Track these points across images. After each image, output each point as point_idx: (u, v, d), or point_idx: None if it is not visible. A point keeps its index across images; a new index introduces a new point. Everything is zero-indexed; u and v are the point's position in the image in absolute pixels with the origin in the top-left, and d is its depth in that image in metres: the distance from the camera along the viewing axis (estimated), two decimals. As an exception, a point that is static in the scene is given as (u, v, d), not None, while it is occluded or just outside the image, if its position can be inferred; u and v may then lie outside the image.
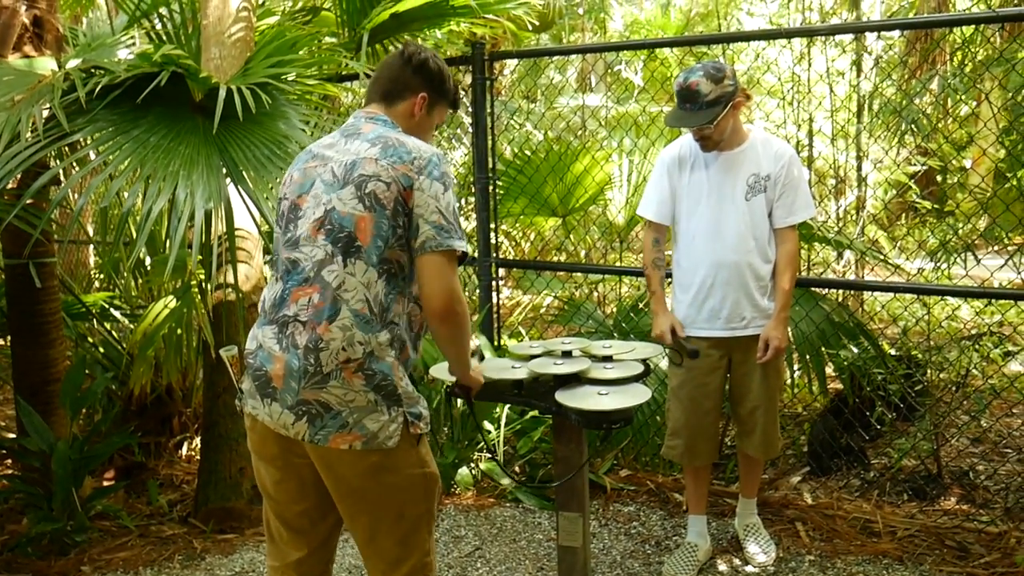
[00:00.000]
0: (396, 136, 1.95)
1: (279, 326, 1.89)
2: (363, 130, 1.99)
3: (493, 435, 3.86)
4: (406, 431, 1.88)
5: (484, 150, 4.07)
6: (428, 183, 1.87)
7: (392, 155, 1.89)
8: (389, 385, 1.85)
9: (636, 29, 9.20)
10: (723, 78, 2.81)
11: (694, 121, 2.83)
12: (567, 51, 4.87)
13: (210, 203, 2.76)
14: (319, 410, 1.83)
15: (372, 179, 1.87)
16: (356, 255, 1.86)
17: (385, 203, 1.86)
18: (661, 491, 3.68)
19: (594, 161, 4.25)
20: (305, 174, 1.98)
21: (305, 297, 1.87)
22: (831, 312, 3.78)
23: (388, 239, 1.86)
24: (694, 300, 3.00)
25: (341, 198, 1.89)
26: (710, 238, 2.96)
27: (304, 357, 1.83)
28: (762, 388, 3.01)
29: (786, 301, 2.96)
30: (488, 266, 4.12)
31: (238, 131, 3.05)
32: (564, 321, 4.14)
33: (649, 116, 5.41)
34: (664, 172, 3.07)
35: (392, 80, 2.06)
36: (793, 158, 2.97)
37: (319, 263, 1.88)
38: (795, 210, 2.95)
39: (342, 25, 4.44)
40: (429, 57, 2.06)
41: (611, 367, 2.55)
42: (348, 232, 1.86)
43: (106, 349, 4.47)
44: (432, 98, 2.08)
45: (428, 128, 2.12)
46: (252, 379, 1.92)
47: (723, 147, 2.94)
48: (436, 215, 1.86)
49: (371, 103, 2.08)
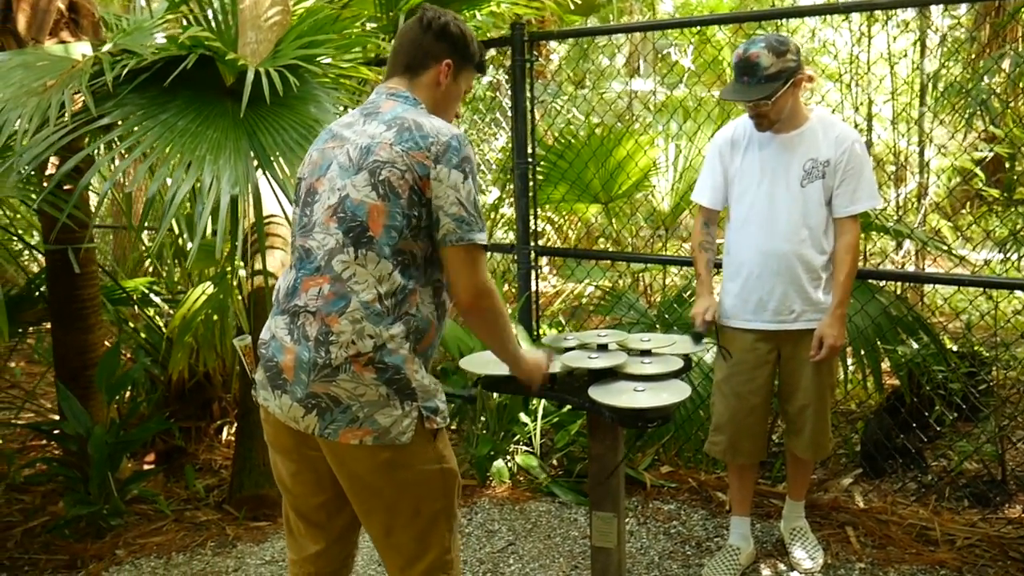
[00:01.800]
0: (414, 117, 1.84)
1: (291, 316, 1.83)
2: (382, 108, 1.89)
3: (530, 427, 3.76)
4: (421, 426, 1.79)
5: (523, 135, 3.94)
6: (447, 172, 1.77)
7: (408, 140, 1.79)
8: (402, 379, 1.77)
9: (688, 11, 8.94)
10: (786, 52, 2.65)
11: (751, 95, 2.67)
12: (610, 30, 4.71)
13: (236, 188, 2.69)
14: (328, 404, 1.76)
15: (387, 165, 1.78)
16: (368, 246, 1.77)
17: (400, 191, 1.77)
18: (703, 489, 3.53)
19: (638, 146, 4.10)
20: (323, 155, 1.90)
21: (315, 287, 1.80)
22: (888, 305, 3.58)
23: (402, 230, 1.78)
24: (741, 290, 2.85)
25: (355, 184, 1.80)
26: (761, 225, 2.80)
27: (315, 349, 1.76)
28: (813, 386, 2.84)
29: (844, 296, 2.78)
30: (527, 254, 4.00)
31: (268, 115, 2.97)
32: (605, 312, 4.01)
33: (697, 100, 5.23)
34: (716, 155, 2.92)
35: (413, 49, 1.94)
36: (857, 142, 2.78)
37: (330, 252, 1.80)
38: (857, 199, 2.77)
39: (380, 7, 4.34)
40: (450, 20, 1.94)
41: (649, 362, 2.42)
42: (361, 221, 1.78)
43: (147, 334, 4.48)
44: (457, 64, 1.96)
45: (456, 97, 2.01)
46: (264, 370, 1.86)
47: (780, 128, 2.77)
48: (456, 207, 1.77)
49: (393, 76, 1.97)
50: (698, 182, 3.02)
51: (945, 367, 3.60)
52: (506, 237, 5.81)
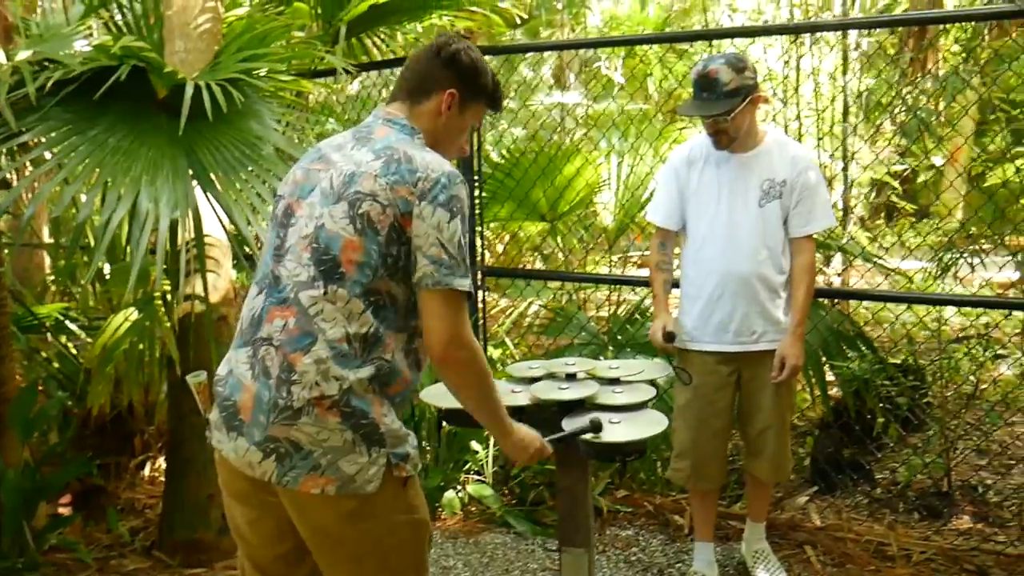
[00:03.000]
0: (405, 149, 1.71)
1: (253, 349, 1.68)
2: (375, 135, 1.77)
3: (481, 455, 3.64)
4: (389, 474, 1.65)
5: (470, 152, 3.83)
6: (430, 210, 1.64)
7: (394, 173, 1.66)
8: (369, 424, 1.63)
9: (615, 25, 9.02)
10: (744, 68, 2.64)
11: (710, 110, 2.64)
12: (555, 47, 4.68)
13: (177, 211, 2.50)
14: (288, 449, 1.61)
15: (368, 198, 1.65)
16: (339, 282, 1.64)
17: (379, 227, 1.64)
18: (660, 513, 3.48)
19: (586, 163, 4.04)
20: (308, 176, 1.76)
21: (281, 319, 1.66)
22: (827, 315, 3.61)
23: (377, 268, 1.65)
24: (702, 312, 2.81)
25: (333, 215, 1.67)
26: (720, 245, 2.77)
27: (276, 388, 1.61)
28: (773, 407, 2.82)
29: (803, 316, 2.78)
30: (473, 274, 3.88)
31: (206, 131, 2.79)
32: (555, 332, 3.92)
33: (628, 115, 5.22)
34: (672, 174, 2.88)
35: (419, 75, 1.82)
36: (811, 163, 2.80)
37: (300, 284, 1.66)
38: (813, 219, 2.77)
39: (316, 17, 4.18)
40: (462, 48, 1.81)
41: (620, 391, 2.34)
42: (333, 256, 1.65)
43: (61, 364, 4.16)
44: (464, 95, 1.82)
45: (459, 131, 1.87)
46: (219, 409, 1.70)
47: (736, 148, 2.75)
48: (435, 248, 1.64)
49: (395, 101, 1.84)
50: (652, 201, 2.97)
51: (889, 381, 3.65)
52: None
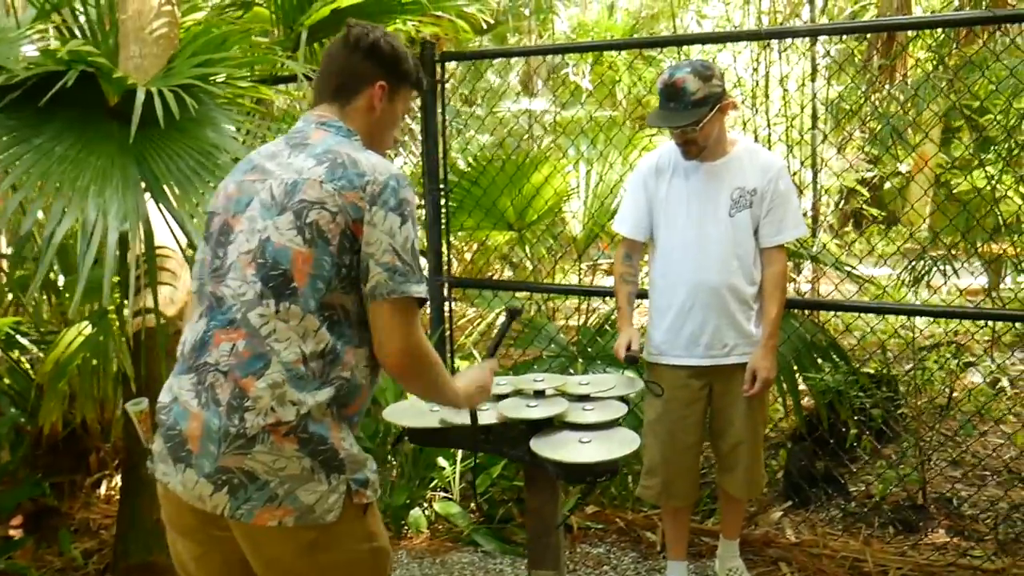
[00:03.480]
0: (348, 152, 1.63)
1: (198, 375, 1.58)
2: (311, 139, 1.67)
3: (448, 472, 3.55)
4: (349, 501, 1.56)
5: (435, 160, 3.75)
6: (382, 215, 1.56)
7: (341, 178, 1.58)
8: (328, 450, 1.54)
9: (583, 31, 8.98)
10: (712, 76, 2.57)
11: (678, 121, 2.57)
12: (523, 52, 4.61)
13: (126, 223, 2.38)
14: (242, 480, 1.51)
15: (315, 207, 1.56)
16: (291, 298, 1.55)
17: (329, 237, 1.55)
18: (632, 530, 3.41)
19: (554, 171, 3.97)
20: (242, 188, 1.66)
21: (228, 343, 1.56)
22: (800, 325, 3.57)
23: (331, 280, 1.56)
24: (672, 324, 2.74)
25: (278, 226, 1.58)
26: (690, 257, 2.71)
27: (227, 416, 1.52)
28: (746, 421, 2.76)
29: (774, 328, 2.72)
30: (439, 285, 3.79)
31: (159, 140, 2.67)
32: (523, 345, 3.84)
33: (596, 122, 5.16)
34: (640, 184, 2.81)
35: (341, 72, 1.73)
36: (782, 171, 2.74)
37: (247, 304, 1.56)
38: (784, 228, 2.72)
39: (277, 22, 4.06)
40: (380, 37, 1.73)
41: (591, 408, 2.26)
42: (283, 270, 1.55)
43: (13, 380, 4.00)
44: (392, 84, 1.75)
45: (393, 121, 1.80)
46: (164, 440, 1.59)
47: (706, 156, 2.69)
48: (389, 255, 1.55)
49: (320, 103, 1.75)
50: (620, 211, 2.90)
51: (862, 393, 3.62)
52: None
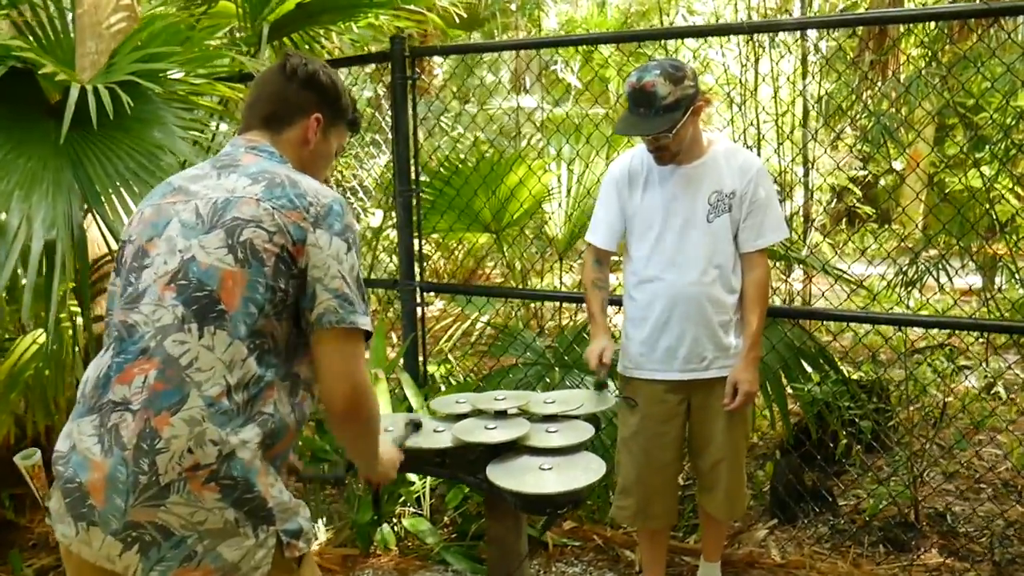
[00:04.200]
0: (287, 173, 1.50)
1: (100, 416, 1.40)
2: (243, 162, 1.53)
3: (417, 486, 3.38)
4: (280, 555, 1.40)
5: (406, 160, 3.58)
6: (327, 239, 1.44)
7: (280, 196, 1.44)
8: (255, 498, 1.37)
9: (572, 28, 8.81)
10: (683, 78, 2.39)
11: (649, 128, 2.40)
12: (496, 47, 4.45)
13: (53, 231, 2.22)
14: (155, 536, 1.34)
15: (250, 224, 1.42)
16: (218, 323, 1.39)
17: (264, 257, 1.41)
18: (610, 547, 3.25)
19: (529, 172, 3.80)
20: (159, 212, 1.51)
21: (139, 375, 1.39)
22: (787, 332, 3.41)
23: (263, 305, 1.41)
24: (648, 337, 2.58)
25: (205, 245, 1.42)
26: (666, 266, 2.54)
27: (134, 461, 1.34)
28: (726, 438, 2.60)
29: (756, 338, 2.56)
30: (412, 290, 3.63)
31: (100, 140, 2.51)
32: (499, 352, 3.68)
33: (587, 119, 5.00)
34: (612, 190, 2.64)
35: (275, 100, 1.61)
36: (761, 171, 2.57)
37: (163, 329, 1.40)
38: (764, 231, 2.55)
39: (244, 17, 3.90)
40: (319, 69, 1.62)
41: (555, 430, 2.10)
42: (209, 291, 1.40)
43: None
44: (328, 118, 1.64)
45: (326, 157, 1.68)
46: (62, 495, 1.41)
47: (681, 160, 2.52)
48: (338, 280, 1.42)
49: (250, 130, 1.61)
50: (592, 220, 2.71)
51: (852, 403, 3.47)
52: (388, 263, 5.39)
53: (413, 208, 3.61)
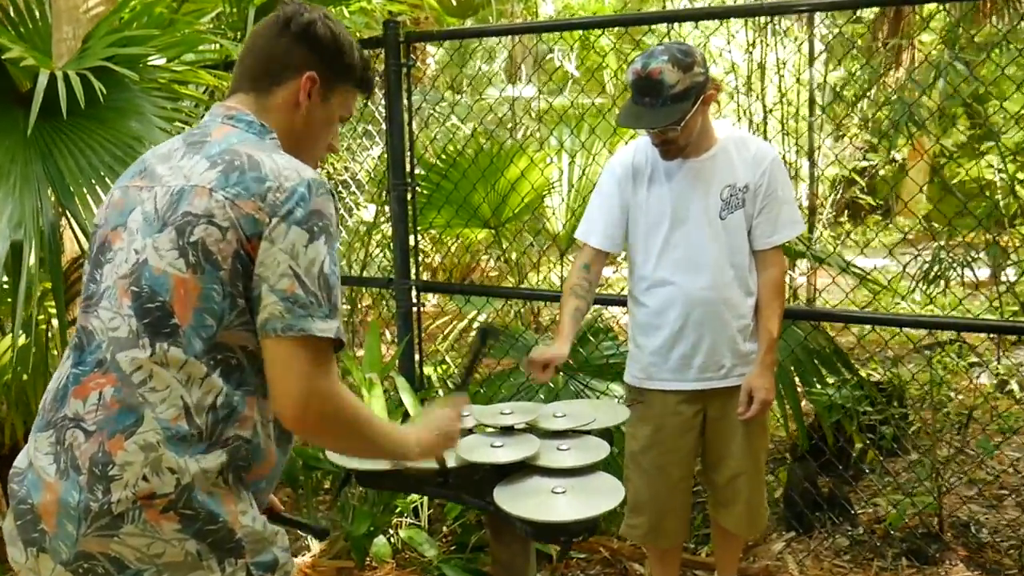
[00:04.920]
0: (250, 152, 1.29)
1: (56, 433, 1.25)
2: (212, 137, 1.34)
3: (415, 495, 3.22)
4: None
5: (400, 152, 3.39)
6: (283, 229, 1.22)
7: (236, 184, 1.24)
8: (220, 528, 1.21)
9: (569, 14, 8.60)
10: (692, 64, 2.20)
11: (656, 120, 2.21)
12: (496, 32, 4.28)
13: (20, 229, 2.04)
14: (108, 569, 1.19)
15: (201, 221, 1.23)
16: (171, 339, 1.22)
17: (219, 260, 1.22)
18: (618, 560, 3.09)
19: (532, 165, 3.62)
20: (126, 196, 1.34)
21: (95, 392, 1.23)
22: (799, 330, 3.24)
23: (223, 315, 1.23)
24: (661, 346, 2.40)
25: (158, 247, 1.25)
26: (678, 269, 2.37)
27: (88, 487, 1.19)
28: (745, 450, 2.45)
29: (773, 342, 2.40)
30: (407, 290, 3.45)
31: (73, 131, 2.33)
32: (499, 355, 3.52)
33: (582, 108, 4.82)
34: (613, 185, 2.44)
35: (263, 56, 1.40)
36: (776, 162, 2.40)
37: (117, 342, 1.24)
38: (780, 226, 2.39)
39: (230, 1, 3.71)
40: (317, 19, 1.39)
41: (566, 448, 1.93)
42: (162, 302, 1.23)
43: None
44: (327, 78, 1.41)
45: (324, 125, 1.45)
46: (14, 516, 1.27)
47: (688, 153, 2.34)
48: (288, 280, 1.21)
49: (236, 92, 1.41)
50: (586, 217, 2.50)
51: (870, 406, 3.31)
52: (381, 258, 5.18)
53: (408, 203, 3.44)
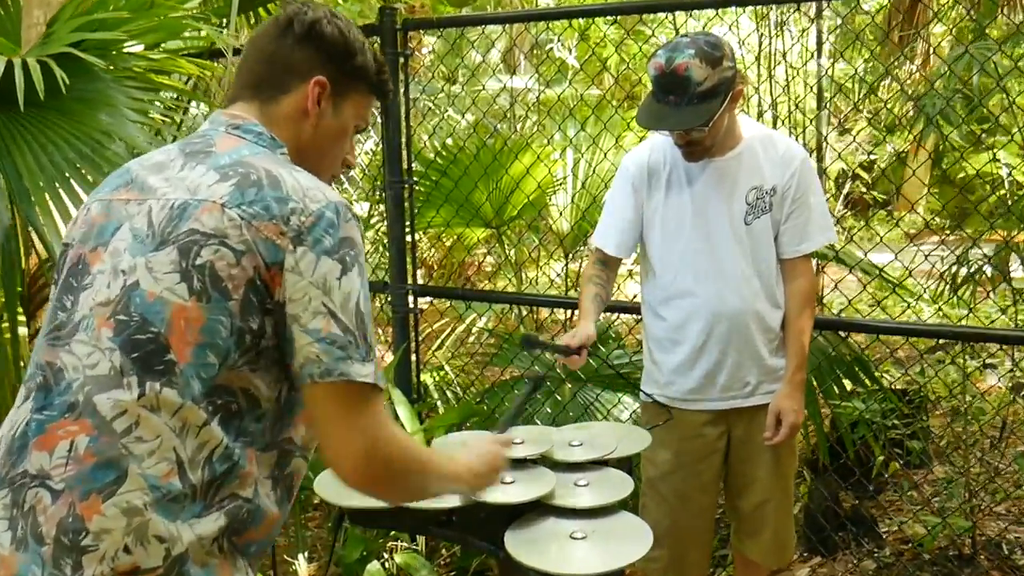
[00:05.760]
0: (268, 166, 1.10)
1: (13, 493, 1.04)
2: (217, 147, 1.14)
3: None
4: None
5: (397, 147, 3.17)
6: (312, 260, 1.04)
7: (255, 202, 1.06)
8: None
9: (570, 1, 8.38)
10: (721, 58, 1.98)
11: (682, 122, 2.00)
12: (498, 19, 4.05)
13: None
14: None
15: (211, 242, 1.04)
16: (164, 378, 1.02)
17: (229, 288, 1.03)
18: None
19: (537, 161, 3.41)
20: (109, 211, 1.13)
21: (65, 440, 1.02)
22: (819, 335, 3.02)
23: (228, 353, 1.04)
24: (681, 363, 2.20)
25: (153, 267, 1.05)
26: (700, 279, 2.16)
27: (53, 561, 0.98)
28: (773, 475, 2.24)
29: (802, 359, 2.20)
30: (403, 294, 3.23)
31: (32, 125, 2.10)
32: (502, 363, 3.31)
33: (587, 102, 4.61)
34: (628, 187, 2.22)
35: (265, 61, 1.22)
36: (806, 162, 2.19)
37: (96, 381, 1.03)
38: (810, 233, 2.18)
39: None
40: (323, 17, 1.21)
41: (584, 483, 1.72)
42: (155, 334, 1.03)
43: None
44: (338, 82, 1.23)
45: (337, 136, 1.26)
46: None
47: (712, 152, 2.13)
48: (323, 319, 1.03)
49: (237, 101, 1.22)
50: (601, 221, 2.30)
51: (896, 419, 3.12)
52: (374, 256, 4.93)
53: (406, 201, 3.22)
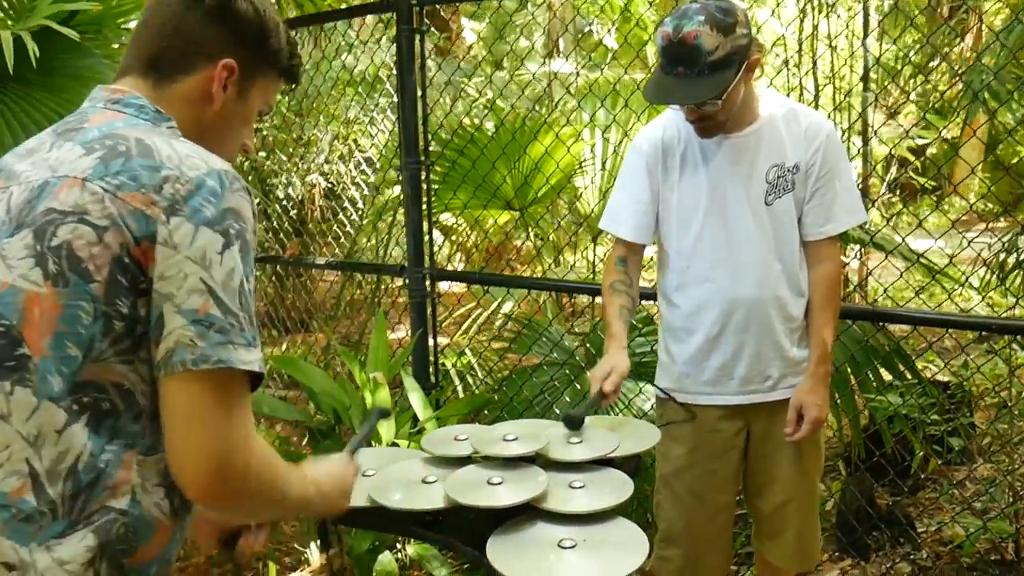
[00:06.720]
0: (140, 136, 0.98)
1: None
2: (89, 123, 1.03)
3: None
4: None
5: (413, 128, 3.06)
6: (189, 231, 0.93)
7: (121, 172, 0.94)
8: None
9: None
10: (734, 25, 1.81)
11: (692, 94, 1.84)
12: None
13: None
14: None
15: (68, 219, 0.92)
16: (17, 375, 0.91)
17: (91, 269, 0.91)
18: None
19: (558, 141, 3.26)
20: None
21: None
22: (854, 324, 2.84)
23: (92, 343, 0.92)
24: (696, 354, 2.05)
25: (6, 254, 0.93)
26: (716, 264, 2.01)
27: None
28: (795, 474, 2.10)
29: (826, 350, 2.03)
30: (420, 278, 3.13)
31: (18, 102, 2.03)
32: (522, 350, 3.19)
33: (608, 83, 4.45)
34: (641, 167, 2.07)
35: (167, 33, 1.09)
36: (832, 137, 2.02)
37: None
38: (836, 213, 2.01)
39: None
40: None
41: (580, 484, 1.60)
42: (6, 327, 0.91)
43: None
44: (248, 66, 1.11)
45: (240, 122, 1.15)
46: None
47: (729, 128, 1.97)
48: (200, 297, 0.91)
49: (127, 74, 1.10)
50: (611, 206, 2.15)
51: (937, 414, 2.93)
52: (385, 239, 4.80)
53: (423, 183, 3.11)
